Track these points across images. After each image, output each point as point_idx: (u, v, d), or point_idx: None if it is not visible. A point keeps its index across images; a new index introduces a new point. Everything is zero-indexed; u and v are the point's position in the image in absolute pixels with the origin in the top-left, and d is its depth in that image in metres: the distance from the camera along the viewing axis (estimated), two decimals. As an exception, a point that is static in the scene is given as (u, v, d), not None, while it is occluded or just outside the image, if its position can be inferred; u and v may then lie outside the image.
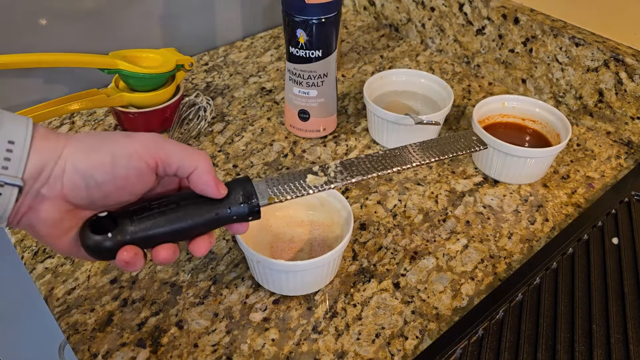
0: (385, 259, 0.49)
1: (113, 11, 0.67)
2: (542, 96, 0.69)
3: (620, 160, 0.61)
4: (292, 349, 0.42)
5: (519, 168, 0.55)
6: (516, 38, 0.69)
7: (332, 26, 0.55)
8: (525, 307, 0.43)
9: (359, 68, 0.77)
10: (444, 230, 0.52)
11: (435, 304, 0.45)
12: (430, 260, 0.49)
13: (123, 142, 0.32)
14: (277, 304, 0.45)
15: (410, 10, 0.81)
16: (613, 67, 0.60)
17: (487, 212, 0.54)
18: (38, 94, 0.66)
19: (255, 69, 0.76)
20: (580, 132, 0.65)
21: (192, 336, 0.42)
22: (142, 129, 0.62)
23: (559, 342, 0.41)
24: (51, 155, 0.31)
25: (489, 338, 0.41)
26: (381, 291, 0.46)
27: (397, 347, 0.42)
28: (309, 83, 0.58)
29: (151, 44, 0.73)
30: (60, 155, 0.31)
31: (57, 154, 0.31)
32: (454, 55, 0.78)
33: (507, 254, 0.50)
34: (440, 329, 0.43)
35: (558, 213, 0.54)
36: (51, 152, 0.31)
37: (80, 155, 0.31)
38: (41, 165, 0.30)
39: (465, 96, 0.71)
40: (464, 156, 0.61)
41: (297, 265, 0.41)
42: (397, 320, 0.44)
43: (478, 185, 0.57)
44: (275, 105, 0.69)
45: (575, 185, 0.58)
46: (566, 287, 0.45)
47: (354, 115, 0.67)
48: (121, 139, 0.33)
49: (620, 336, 0.41)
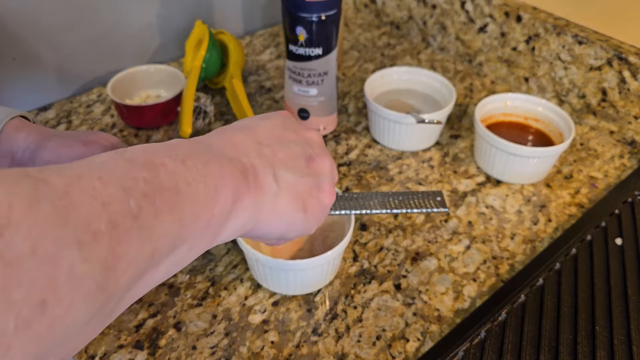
0: (386, 260, 0.48)
1: (114, 9, 0.67)
2: (545, 95, 0.68)
3: (624, 160, 0.61)
4: (292, 351, 0.41)
5: (521, 168, 0.55)
6: (519, 36, 0.68)
7: (332, 24, 0.54)
8: (527, 308, 0.43)
9: (359, 66, 0.76)
10: (446, 231, 0.51)
11: (437, 305, 0.45)
12: (432, 261, 0.48)
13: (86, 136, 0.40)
14: (276, 306, 0.44)
15: (412, 8, 0.80)
16: (616, 65, 0.60)
17: (490, 213, 0.54)
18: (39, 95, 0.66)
19: (254, 67, 0.75)
20: (583, 131, 0.65)
21: (191, 338, 0.42)
22: (148, 122, 0.62)
23: (561, 343, 0.40)
24: (19, 144, 0.38)
25: (491, 340, 0.41)
26: (382, 293, 0.46)
27: (398, 349, 0.42)
28: (308, 81, 0.58)
29: (151, 43, 0.72)
30: (27, 146, 0.38)
31: (25, 144, 0.38)
32: (456, 53, 0.77)
33: (509, 254, 0.49)
34: (442, 331, 0.43)
35: (561, 213, 0.54)
36: (20, 142, 0.38)
37: (50, 147, 0.38)
38: (10, 149, 0.38)
39: (467, 95, 0.71)
40: (466, 157, 0.60)
41: (296, 264, 0.41)
42: (398, 322, 0.43)
43: (480, 185, 0.57)
44: (275, 104, 0.68)
45: (578, 185, 0.57)
46: (569, 288, 0.45)
47: (355, 114, 0.67)
48: (85, 135, 0.41)
49: (623, 337, 0.41)
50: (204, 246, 0.25)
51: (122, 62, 0.70)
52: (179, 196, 0.22)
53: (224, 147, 0.27)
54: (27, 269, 0.16)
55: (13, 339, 0.15)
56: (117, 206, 0.19)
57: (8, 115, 0.41)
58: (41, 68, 0.64)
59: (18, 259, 0.15)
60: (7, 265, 0.15)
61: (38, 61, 0.64)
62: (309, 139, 0.32)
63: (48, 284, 0.16)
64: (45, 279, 0.16)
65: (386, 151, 0.61)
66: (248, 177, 0.27)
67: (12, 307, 0.15)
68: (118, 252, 0.19)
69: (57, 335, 0.17)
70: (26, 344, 0.16)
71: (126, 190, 0.20)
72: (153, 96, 0.66)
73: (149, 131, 0.63)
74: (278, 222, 0.29)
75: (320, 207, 0.31)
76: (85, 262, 0.17)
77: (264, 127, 0.31)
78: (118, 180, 0.20)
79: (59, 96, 0.68)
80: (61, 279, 0.17)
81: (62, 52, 0.65)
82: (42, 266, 0.16)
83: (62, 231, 0.17)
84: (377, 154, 0.61)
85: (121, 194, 0.20)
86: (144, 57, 0.73)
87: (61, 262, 0.17)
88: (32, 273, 0.16)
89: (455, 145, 0.62)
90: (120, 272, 0.19)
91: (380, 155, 0.61)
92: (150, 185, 0.21)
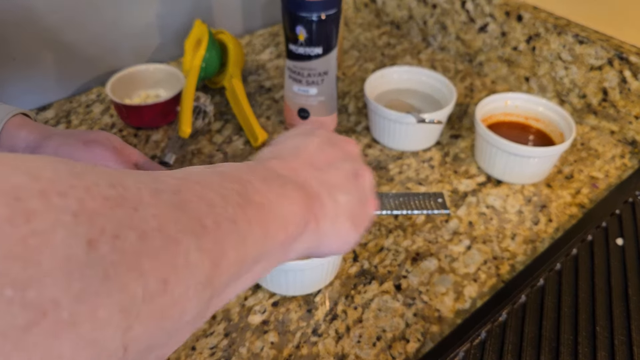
0: (386, 261, 0.48)
1: (113, 8, 0.66)
2: (546, 95, 0.68)
3: (625, 160, 0.61)
4: (292, 352, 0.41)
5: (522, 168, 0.54)
6: (519, 36, 0.68)
7: (332, 23, 0.54)
8: (528, 309, 0.43)
9: (359, 66, 0.76)
10: (447, 231, 0.51)
11: (438, 306, 0.45)
12: (432, 261, 0.48)
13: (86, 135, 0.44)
14: (276, 306, 0.44)
15: (412, 8, 0.80)
16: (617, 65, 0.60)
17: (490, 213, 0.53)
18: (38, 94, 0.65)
19: (254, 67, 0.75)
20: (583, 131, 0.65)
21: (190, 339, 0.42)
22: (147, 122, 0.61)
23: (562, 344, 0.40)
24: (20, 142, 0.41)
25: (491, 340, 0.41)
26: (382, 293, 0.46)
27: (399, 350, 0.41)
28: (308, 81, 0.57)
29: (150, 41, 0.72)
30: (28, 144, 0.41)
31: (25, 142, 0.41)
32: (456, 53, 0.77)
33: (510, 255, 0.49)
34: (442, 332, 0.43)
35: (562, 213, 0.54)
36: (21, 140, 0.41)
37: (51, 146, 0.41)
38: (11, 147, 0.41)
39: (467, 94, 0.70)
40: (466, 157, 0.60)
41: (296, 265, 0.41)
42: (398, 322, 0.43)
43: (481, 185, 0.57)
44: (275, 103, 0.68)
45: (579, 185, 0.57)
46: (569, 288, 0.44)
47: (355, 114, 0.67)
48: (86, 134, 0.44)
49: (623, 338, 0.41)
50: (274, 265, 0.26)
51: (121, 62, 0.70)
52: (264, 211, 0.24)
53: (289, 173, 0.29)
54: (155, 244, 0.17)
55: (142, 307, 0.16)
56: (219, 209, 0.21)
57: (9, 113, 0.42)
58: (40, 68, 0.64)
59: (149, 233, 0.17)
60: (140, 236, 0.17)
61: (37, 61, 0.64)
62: (351, 153, 0.34)
63: (170, 264, 0.17)
64: (169, 258, 0.17)
65: (386, 151, 0.61)
66: (314, 203, 0.28)
67: (143, 275, 0.16)
68: (223, 250, 0.20)
69: (171, 322, 0.18)
70: (149, 319, 0.16)
71: (224, 197, 0.22)
72: (152, 96, 0.66)
73: (149, 131, 0.63)
74: (337, 242, 0.31)
75: (367, 219, 0.33)
76: (198, 251, 0.19)
77: (313, 147, 0.32)
78: (215, 188, 0.22)
79: (58, 96, 0.68)
80: (180, 263, 0.18)
81: (62, 51, 0.65)
82: (167, 245, 0.17)
83: (181, 218, 0.19)
84: (377, 154, 0.61)
85: (220, 199, 0.21)
86: (143, 56, 0.72)
87: (180, 246, 0.18)
88: (159, 249, 0.17)
89: (456, 145, 0.62)
90: (224, 270, 0.20)
91: (381, 155, 0.60)
92: (242, 198, 0.23)
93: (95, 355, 0.15)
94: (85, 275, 0.15)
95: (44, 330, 0.14)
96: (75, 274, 0.15)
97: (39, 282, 0.14)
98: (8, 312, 0.13)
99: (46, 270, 0.14)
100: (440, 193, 0.41)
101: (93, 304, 0.15)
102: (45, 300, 0.14)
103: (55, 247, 0.14)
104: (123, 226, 0.16)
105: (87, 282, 0.15)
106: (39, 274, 0.14)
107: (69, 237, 0.15)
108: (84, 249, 0.15)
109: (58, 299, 0.14)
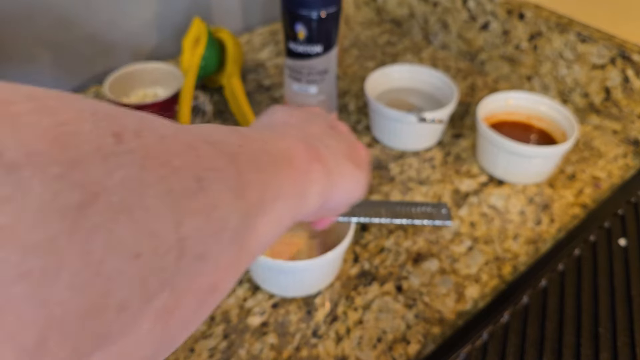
0: (387, 261, 0.48)
1: (110, 6, 0.66)
2: (548, 93, 0.68)
3: (627, 159, 0.60)
4: (292, 354, 0.41)
5: (524, 167, 0.54)
6: (521, 34, 0.67)
7: (332, 21, 0.54)
8: (530, 310, 0.42)
9: (360, 64, 0.75)
10: (448, 232, 0.51)
11: (439, 307, 0.44)
12: (434, 262, 0.48)
13: None
14: (275, 308, 0.44)
15: (413, 6, 0.79)
16: (620, 64, 0.59)
17: (492, 213, 0.53)
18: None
19: (253, 65, 0.74)
20: (586, 130, 0.64)
21: (188, 340, 0.41)
22: None
23: (564, 345, 0.40)
24: None
25: (493, 342, 0.40)
26: (383, 294, 0.45)
27: (400, 351, 0.41)
28: (308, 80, 0.57)
29: (148, 40, 0.71)
30: None
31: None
32: (458, 51, 0.76)
33: (512, 255, 0.49)
34: (444, 333, 0.42)
35: (564, 214, 0.53)
36: None
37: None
38: None
39: (469, 93, 0.70)
40: (468, 157, 0.60)
41: (296, 266, 0.40)
42: (399, 324, 0.43)
43: (483, 185, 0.56)
44: (274, 102, 0.68)
45: (582, 185, 0.57)
46: (572, 289, 0.44)
47: (355, 113, 0.66)
48: None
49: (626, 339, 0.40)
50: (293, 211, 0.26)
51: (119, 61, 0.69)
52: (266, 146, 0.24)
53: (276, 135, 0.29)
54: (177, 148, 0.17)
55: (183, 202, 0.16)
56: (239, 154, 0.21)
57: None
58: (37, 67, 0.64)
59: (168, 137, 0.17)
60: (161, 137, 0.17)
61: (34, 60, 0.63)
62: (317, 112, 0.35)
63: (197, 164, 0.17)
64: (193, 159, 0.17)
65: (387, 150, 0.60)
66: (310, 148, 0.28)
67: (175, 172, 0.16)
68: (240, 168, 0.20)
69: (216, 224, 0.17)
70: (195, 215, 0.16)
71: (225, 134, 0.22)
72: (150, 95, 0.65)
73: (147, 130, 0.62)
74: (348, 183, 0.31)
75: (364, 161, 0.33)
76: (220, 157, 0.19)
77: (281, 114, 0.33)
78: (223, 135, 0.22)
79: (56, 94, 0.67)
80: (205, 164, 0.18)
81: (58, 50, 0.64)
82: (187, 149, 0.18)
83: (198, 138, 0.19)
84: (378, 153, 0.60)
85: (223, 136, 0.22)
86: (141, 55, 0.72)
87: (200, 150, 0.18)
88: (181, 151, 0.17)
89: (457, 144, 0.61)
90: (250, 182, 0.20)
91: (381, 154, 0.60)
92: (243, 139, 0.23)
93: (154, 247, 0.14)
94: (122, 164, 0.14)
95: (100, 212, 0.13)
96: (112, 162, 0.14)
97: (81, 164, 0.13)
98: (59, 190, 0.13)
99: (85, 154, 0.14)
100: (444, 204, 0.41)
101: (139, 192, 0.14)
102: (93, 182, 0.13)
103: (85, 134, 0.14)
104: (144, 127, 0.16)
105: (126, 170, 0.14)
106: (79, 156, 0.13)
107: (96, 128, 0.14)
108: (112, 140, 0.15)
109: (104, 183, 0.14)
